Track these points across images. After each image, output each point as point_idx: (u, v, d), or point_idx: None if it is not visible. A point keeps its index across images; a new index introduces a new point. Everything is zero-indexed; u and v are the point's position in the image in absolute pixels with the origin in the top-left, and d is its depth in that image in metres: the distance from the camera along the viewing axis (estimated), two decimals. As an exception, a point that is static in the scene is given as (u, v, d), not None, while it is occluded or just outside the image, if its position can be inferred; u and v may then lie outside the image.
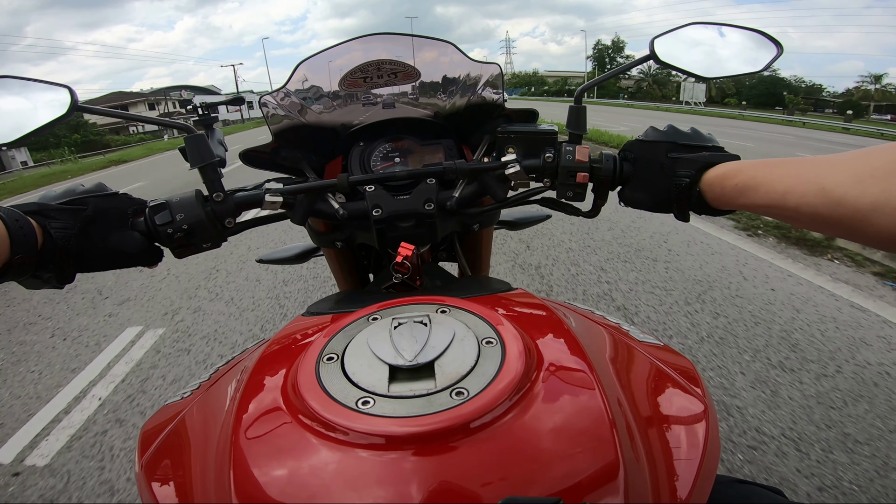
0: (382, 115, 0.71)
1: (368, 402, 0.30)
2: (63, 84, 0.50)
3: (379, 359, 0.33)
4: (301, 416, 0.31)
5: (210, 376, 0.55)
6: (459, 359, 0.33)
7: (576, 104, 0.58)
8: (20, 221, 0.42)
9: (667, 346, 0.52)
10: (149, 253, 0.52)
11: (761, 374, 1.76)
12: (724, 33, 0.61)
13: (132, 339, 2.36)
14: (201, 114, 0.64)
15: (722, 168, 0.47)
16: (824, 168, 0.36)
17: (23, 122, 0.49)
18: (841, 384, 1.71)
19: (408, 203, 0.58)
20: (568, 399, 0.32)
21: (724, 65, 0.59)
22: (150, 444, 0.44)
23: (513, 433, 0.29)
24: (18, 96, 0.51)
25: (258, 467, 0.29)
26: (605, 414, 0.30)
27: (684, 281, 2.63)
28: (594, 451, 0.29)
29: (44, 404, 1.89)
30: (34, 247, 0.42)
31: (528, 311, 0.47)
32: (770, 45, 0.58)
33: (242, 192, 0.56)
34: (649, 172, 0.53)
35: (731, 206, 0.46)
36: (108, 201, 0.49)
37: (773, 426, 1.50)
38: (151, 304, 2.78)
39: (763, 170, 0.41)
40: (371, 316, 0.40)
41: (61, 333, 2.52)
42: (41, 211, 0.45)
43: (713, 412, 0.41)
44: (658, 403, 0.40)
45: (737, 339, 2.00)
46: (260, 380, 0.38)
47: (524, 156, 0.58)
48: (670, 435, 0.36)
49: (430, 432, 0.27)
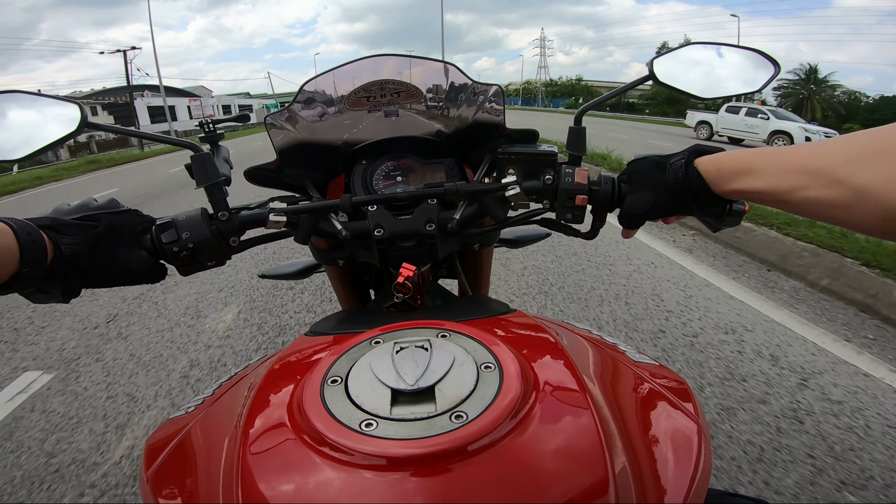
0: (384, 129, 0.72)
1: (372, 424, 0.31)
2: (73, 100, 0.52)
3: (381, 382, 0.34)
4: (306, 437, 0.32)
5: (214, 391, 0.55)
6: (459, 383, 0.34)
7: (575, 125, 0.58)
8: (32, 235, 0.42)
9: (661, 366, 0.52)
10: (154, 270, 0.53)
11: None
12: (722, 53, 0.62)
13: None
14: (207, 131, 0.65)
15: (717, 156, 0.48)
16: (818, 153, 0.37)
17: (33, 137, 0.50)
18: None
19: (409, 223, 0.59)
20: (562, 422, 0.33)
21: (722, 85, 0.60)
22: (156, 457, 0.44)
23: (510, 455, 0.30)
24: (29, 112, 0.51)
25: (266, 484, 0.30)
26: (597, 435, 0.32)
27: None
28: (586, 472, 0.30)
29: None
30: (44, 261, 0.43)
31: (525, 334, 0.48)
32: (767, 64, 0.59)
33: (247, 211, 0.56)
34: (646, 173, 0.54)
35: (728, 191, 0.46)
36: (120, 218, 0.50)
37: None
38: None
39: (757, 155, 0.43)
40: (373, 340, 0.41)
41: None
42: (54, 226, 0.46)
43: (706, 431, 0.42)
44: (651, 423, 0.41)
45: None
46: (266, 399, 0.39)
47: (524, 177, 0.59)
48: (663, 454, 0.37)
49: (431, 454, 0.28)
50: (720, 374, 1.83)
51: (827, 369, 1.87)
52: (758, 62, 0.60)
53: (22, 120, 0.51)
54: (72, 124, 0.50)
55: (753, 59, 0.60)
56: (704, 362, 1.91)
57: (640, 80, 0.59)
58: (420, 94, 0.67)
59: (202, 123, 0.65)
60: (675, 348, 2.02)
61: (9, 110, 0.50)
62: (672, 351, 2.00)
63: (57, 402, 1.87)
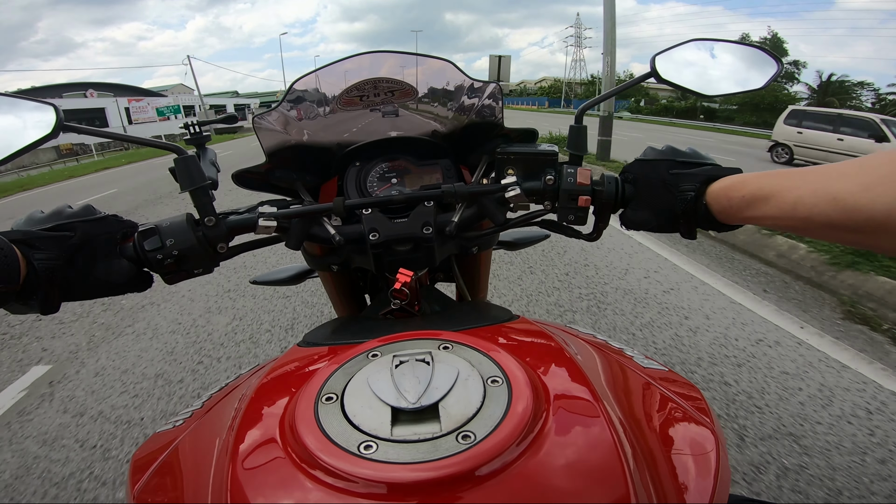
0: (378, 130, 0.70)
1: (371, 446, 0.29)
2: (49, 102, 0.49)
3: (381, 400, 0.32)
4: (300, 460, 0.29)
5: (203, 404, 0.53)
6: (464, 400, 0.32)
7: (576, 124, 0.57)
8: (5, 250, 0.40)
9: (672, 372, 0.51)
10: (138, 280, 0.50)
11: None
12: (725, 50, 0.60)
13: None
14: (193, 133, 0.62)
15: (727, 181, 0.46)
16: (833, 176, 0.35)
17: (8, 140, 0.47)
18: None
19: (405, 227, 0.57)
20: (578, 438, 0.31)
21: (724, 82, 0.59)
22: (143, 473, 0.42)
23: (523, 477, 0.28)
24: (5, 114, 0.49)
25: None
26: (615, 451, 0.30)
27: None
28: (606, 492, 0.28)
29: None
30: (16, 277, 0.40)
31: (531, 342, 0.46)
32: (770, 61, 0.58)
33: (235, 216, 0.54)
34: (652, 191, 0.52)
35: (739, 219, 0.45)
36: (97, 226, 0.47)
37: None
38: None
39: (770, 180, 0.41)
40: (371, 352, 0.39)
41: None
42: (25, 240, 0.43)
43: (722, 439, 0.40)
44: (668, 434, 0.39)
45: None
46: (256, 417, 0.36)
47: (524, 178, 0.57)
48: (682, 465, 0.36)
49: (437, 479, 0.26)
50: (627, 290, 2.70)
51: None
52: (761, 59, 0.58)
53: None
54: (47, 127, 0.48)
55: (756, 56, 0.59)
56: (630, 288, 2.72)
57: (642, 76, 0.58)
58: (415, 92, 0.65)
59: (187, 125, 0.63)
60: (609, 280, 2.84)
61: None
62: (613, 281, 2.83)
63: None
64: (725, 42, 0.60)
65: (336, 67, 0.61)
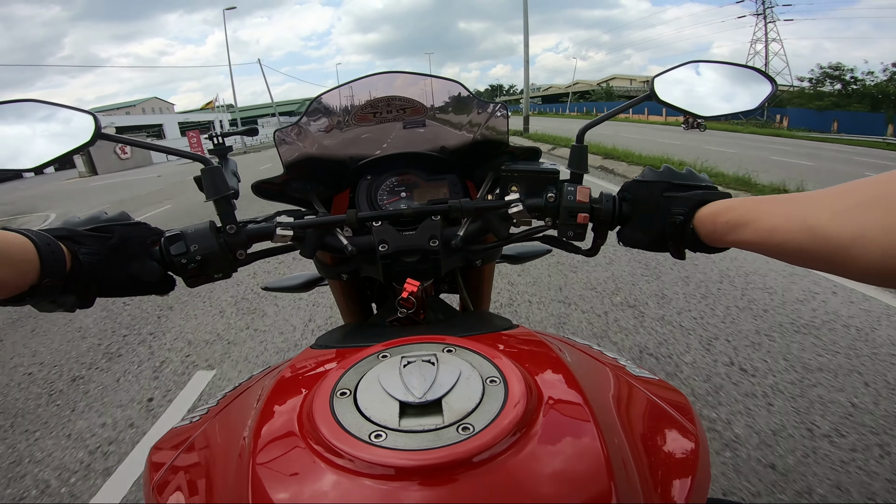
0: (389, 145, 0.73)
1: (381, 435, 0.32)
2: (87, 111, 0.52)
3: (390, 395, 0.35)
4: (317, 448, 0.32)
5: (218, 402, 0.55)
6: (465, 396, 0.35)
7: (577, 144, 0.59)
8: (52, 246, 0.42)
9: (661, 381, 0.53)
10: (163, 282, 0.53)
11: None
12: (720, 71, 0.63)
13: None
14: (216, 144, 0.66)
15: (714, 206, 0.48)
16: (807, 204, 0.36)
17: (48, 147, 0.50)
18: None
19: (413, 239, 0.60)
20: (566, 435, 0.34)
21: (721, 104, 0.60)
22: (160, 468, 0.44)
23: (515, 467, 0.30)
24: (44, 121, 0.52)
25: (276, 492, 0.31)
26: (600, 448, 0.33)
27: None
28: (589, 484, 0.31)
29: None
30: (63, 272, 0.43)
31: (528, 349, 0.49)
32: (765, 82, 0.60)
33: (254, 225, 0.57)
34: (646, 212, 0.54)
35: (723, 242, 0.47)
36: (131, 230, 0.50)
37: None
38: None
39: (752, 207, 0.42)
40: (381, 354, 0.42)
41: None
42: (71, 236, 0.46)
43: (705, 444, 0.43)
44: (651, 436, 0.42)
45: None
46: (275, 410, 0.39)
47: (527, 195, 0.60)
48: (662, 466, 0.38)
49: (439, 464, 0.29)
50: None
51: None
52: (756, 80, 0.61)
53: (37, 129, 0.51)
54: (86, 135, 0.51)
55: (751, 77, 0.61)
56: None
57: (641, 97, 0.60)
58: (425, 110, 0.68)
59: (211, 136, 0.67)
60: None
61: (24, 119, 0.51)
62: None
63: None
64: (721, 63, 0.63)
65: (352, 86, 0.65)
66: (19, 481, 1.58)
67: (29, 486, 1.56)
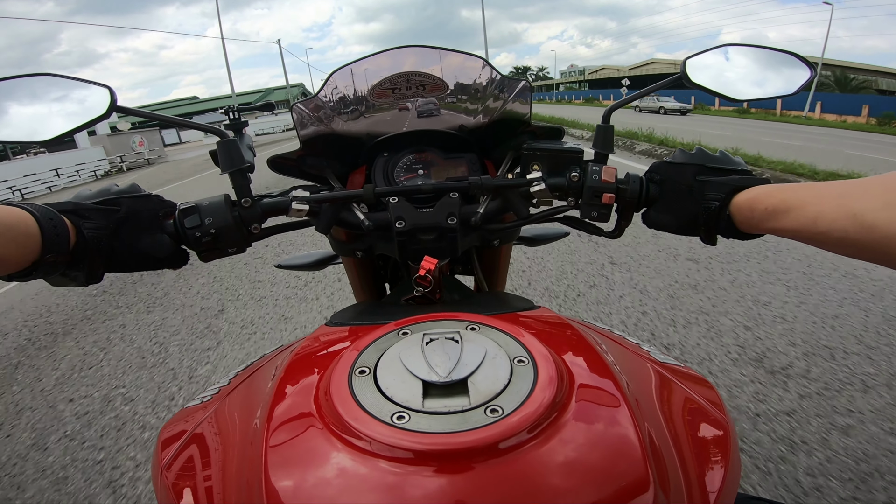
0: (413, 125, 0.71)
1: (404, 416, 0.30)
2: (103, 84, 0.51)
3: (412, 374, 0.33)
4: (335, 429, 0.31)
5: (230, 381, 0.54)
6: (492, 377, 0.33)
7: (603, 123, 0.58)
8: (54, 220, 0.42)
9: (687, 367, 0.52)
10: (176, 255, 0.53)
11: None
12: (756, 55, 0.60)
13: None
14: (232, 118, 0.65)
15: (752, 192, 0.46)
16: (855, 193, 0.35)
17: (63, 120, 0.50)
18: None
19: (430, 216, 0.59)
20: (600, 418, 0.32)
21: (755, 87, 0.59)
22: (171, 447, 0.43)
23: (547, 451, 0.29)
24: (60, 94, 0.51)
25: (292, 477, 0.29)
26: (636, 433, 0.31)
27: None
28: (626, 470, 0.29)
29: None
30: (66, 246, 0.43)
31: (555, 331, 0.47)
32: (803, 66, 0.58)
33: (269, 199, 0.56)
34: (676, 195, 0.53)
35: (760, 229, 0.46)
36: (141, 203, 0.50)
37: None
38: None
39: (793, 194, 0.41)
40: (401, 330, 0.40)
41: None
42: (76, 210, 0.45)
43: (734, 434, 0.41)
44: (682, 424, 0.40)
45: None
46: (291, 389, 0.38)
47: (549, 174, 0.58)
48: (695, 455, 0.37)
49: (467, 448, 0.28)
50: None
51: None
52: (793, 65, 0.59)
53: (53, 102, 0.51)
54: (101, 107, 0.50)
55: (788, 61, 0.59)
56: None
57: (671, 79, 0.58)
58: (445, 86, 0.66)
59: (227, 110, 0.65)
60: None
61: (40, 92, 0.50)
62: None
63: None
64: (757, 47, 0.60)
65: (371, 60, 0.63)
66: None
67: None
